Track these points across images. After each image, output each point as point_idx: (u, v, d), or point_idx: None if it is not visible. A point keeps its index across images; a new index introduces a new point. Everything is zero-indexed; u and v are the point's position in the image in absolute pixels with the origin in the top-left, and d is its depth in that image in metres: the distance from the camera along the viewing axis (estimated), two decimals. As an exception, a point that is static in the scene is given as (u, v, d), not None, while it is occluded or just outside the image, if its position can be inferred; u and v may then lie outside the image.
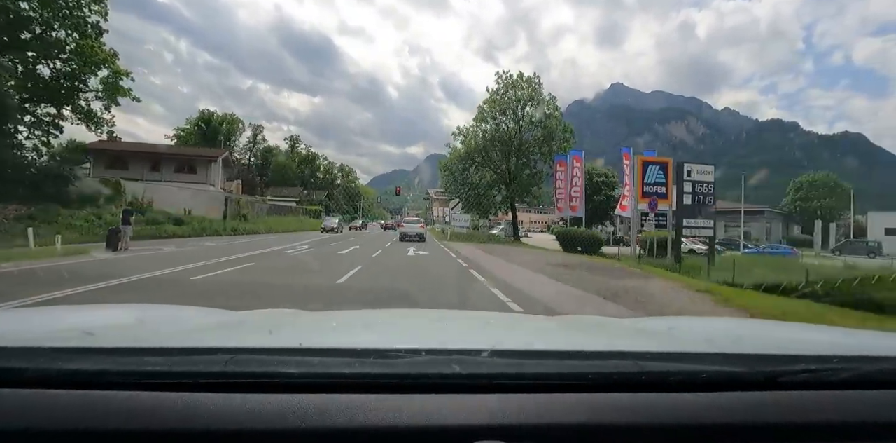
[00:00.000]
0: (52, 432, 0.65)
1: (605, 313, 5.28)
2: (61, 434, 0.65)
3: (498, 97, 28.91)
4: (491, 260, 14.39)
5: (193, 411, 0.68)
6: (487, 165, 29.12)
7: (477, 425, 0.68)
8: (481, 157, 28.79)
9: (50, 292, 5.98)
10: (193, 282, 7.69)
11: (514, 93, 28.52)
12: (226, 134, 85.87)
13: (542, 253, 18.79)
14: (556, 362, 0.88)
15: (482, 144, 28.59)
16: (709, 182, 19.30)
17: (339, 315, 1.94)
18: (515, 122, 28.63)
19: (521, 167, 28.66)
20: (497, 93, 29.02)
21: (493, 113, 28.91)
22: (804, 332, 1.55)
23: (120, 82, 23.30)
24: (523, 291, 7.90)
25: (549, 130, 27.85)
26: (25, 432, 0.65)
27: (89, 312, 1.55)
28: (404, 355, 0.82)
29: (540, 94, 28.52)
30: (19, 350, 0.82)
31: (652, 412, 0.73)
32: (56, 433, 0.65)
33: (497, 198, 29.83)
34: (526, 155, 28.51)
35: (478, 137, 28.94)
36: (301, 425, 0.67)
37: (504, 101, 28.56)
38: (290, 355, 0.83)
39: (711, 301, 7.19)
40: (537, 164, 29.06)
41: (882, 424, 0.77)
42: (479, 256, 15.98)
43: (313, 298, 6.54)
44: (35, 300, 5.45)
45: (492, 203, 29.75)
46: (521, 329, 1.51)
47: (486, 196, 29.38)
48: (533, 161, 28.91)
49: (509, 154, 28.55)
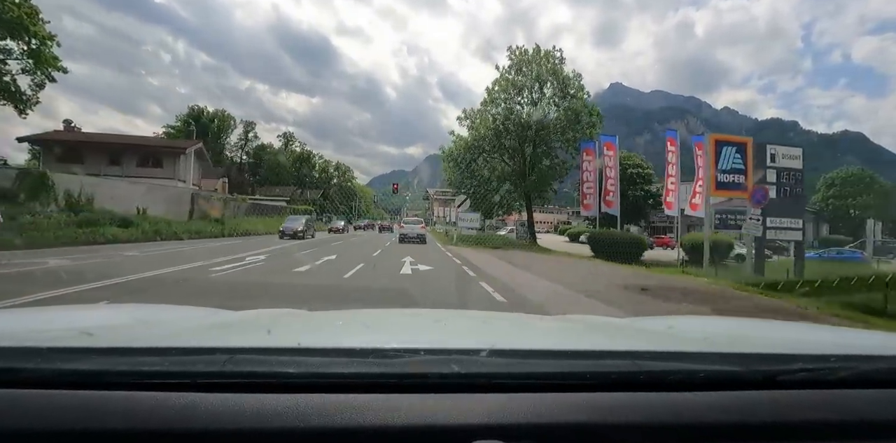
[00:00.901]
0: (50, 432, 0.65)
1: None
2: (59, 434, 0.65)
3: (511, 76, 24.37)
4: (525, 281, 9.51)
5: (192, 411, 0.67)
6: (500, 153, 24.46)
7: (475, 425, 0.68)
8: (491, 145, 24.16)
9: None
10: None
11: (532, 69, 23.95)
12: (217, 131, 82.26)
13: (583, 264, 14.31)
14: (555, 362, 0.87)
15: (493, 131, 23.97)
16: (797, 170, 14.78)
17: (338, 315, 1.88)
18: (532, 103, 24.09)
19: (540, 157, 24.08)
20: (509, 71, 24.48)
21: (505, 94, 24.32)
22: (802, 331, 1.57)
23: (46, 51, 18.71)
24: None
25: (573, 112, 23.29)
26: (23, 432, 0.64)
27: (87, 312, 1.59)
28: (403, 355, 0.82)
29: (561, 70, 23.97)
30: (17, 350, 0.82)
31: (650, 412, 0.73)
32: (54, 434, 0.65)
33: (512, 194, 25.27)
34: (546, 142, 23.90)
35: (487, 123, 24.31)
36: (300, 424, 0.66)
37: (518, 80, 24.00)
38: (288, 355, 0.83)
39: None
40: (558, 153, 24.49)
41: (879, 423, 0.76)
42: (501, 270, 11.30)
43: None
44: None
45: (504, 200, 25.18)
46: (520, 329, 1.52)
47: (496, 192, 24.80)
48: (553, 150, 24.32)
49: (525, 142, 23.94)
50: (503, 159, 24.68)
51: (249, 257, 12.13)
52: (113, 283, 7.06)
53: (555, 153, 24.29)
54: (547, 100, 23.83)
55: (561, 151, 24.53)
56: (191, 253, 13.27)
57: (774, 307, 7.01)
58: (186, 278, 8.10)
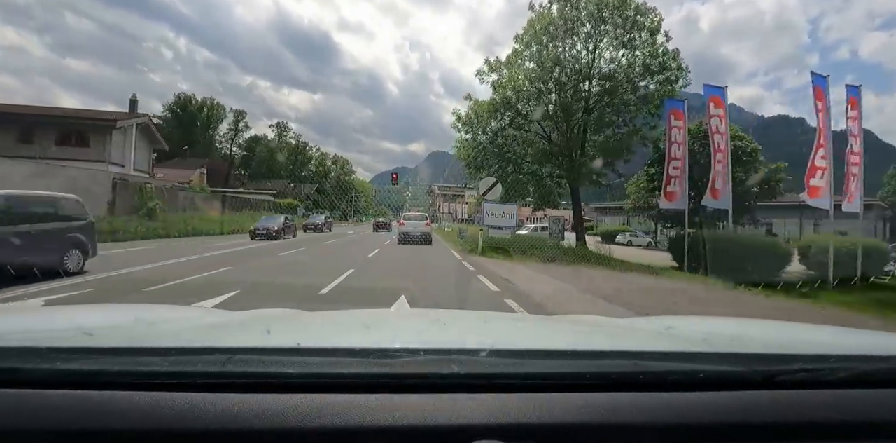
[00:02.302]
0: (50, 432, 0.64)
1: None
2: (59, 434, 0.64)
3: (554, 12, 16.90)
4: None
5: (191, 411, 0.67)
6: (540, 119, 16.93)
7: (475, 425, 0.67)
8: (529, 107, 16.74)
9: None
10: None
11: (585, 4, 16.49)
12: (206, 121, 75.60)
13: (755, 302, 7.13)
14: (555, 362, 0.87)
15: (528, 89, 16.57)
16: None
17: (337, 315, 1.82)
18: (587, 48, 16.62)
19: (599, 124, 16.66)
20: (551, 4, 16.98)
21: (547, 37, 16.83)
22: (802, 331, 1.53)
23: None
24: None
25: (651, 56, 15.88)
26: (23, 432, 0.64)
27: (87, 312, 1.54)
28: (403, 355, 0.81)
29: (628, 5, 16.44)
30: (17, 350, 0.81)
31: (650, 412, 0.73)
32: (53, 433, 0.64)
33: (554, 179, 17.79)
34: (609, 102, 16.41)
35: (521, 76, 16.89)
36: (299, 425, 0.66)
37: (570, 15, 16.51)
38: (288, 355, 0.82)
39: None
40: (622, 119, 16.94)
41: (879, 423, 0.76)
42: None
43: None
44: None
45: (544, 186, 17.69)
46: (520, 329, 1.52)
47: (533, 175, 17.31)
48: (621, 112, 16.75)
49: (577, 101, 16.44)
50: (545, 129, 17.23)
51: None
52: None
53: (622, 118, 16.77)
54: (610, 41, 16.28)
55: (620, 116, 16.99)
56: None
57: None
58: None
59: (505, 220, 14.72)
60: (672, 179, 14.90)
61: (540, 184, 17.85)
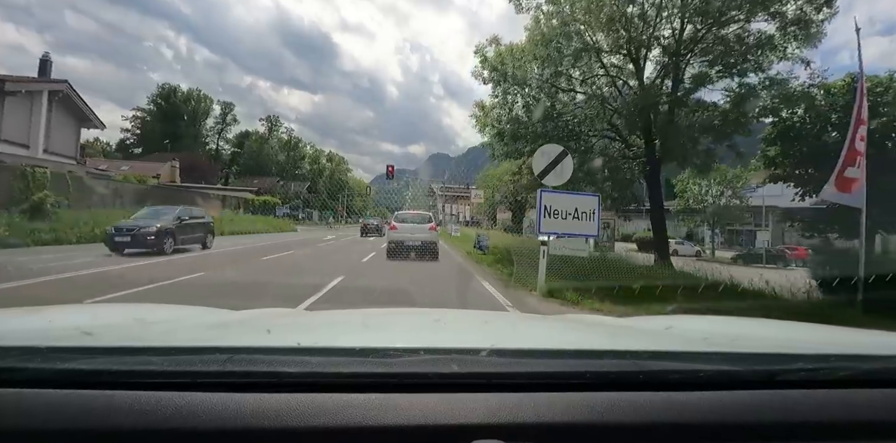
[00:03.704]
0: (50, 431, 0.64)
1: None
2: (59, 434, 0.64)
3: None
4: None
5: (191, 410, 0.66)
6: (611, 65, 10.56)
7: (475, 424, 0.67)
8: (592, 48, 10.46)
9: None
10: None
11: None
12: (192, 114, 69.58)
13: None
14: (555, 362, 0.87)
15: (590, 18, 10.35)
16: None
17: (337, 315, 1.84)
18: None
19: (711, 63, 10.29)
20: None
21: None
22: (802, 331, 1.50)
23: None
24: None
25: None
26: (23, 432, 0.64)
27: (87, 312, 1.54)
28: (403, 355, 0.81)
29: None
30: (16, 349, 0.81)
31: (650, 411, 0.72)
32: (53, 433, 0.64)
33: (625, 164, 11.40)
34: (724, 38, 10.07)
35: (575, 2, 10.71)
36: (299, 424, 0.66)
37: None
38: (288, 355, 0.82)
39: None
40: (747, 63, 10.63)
41: (879, 422, 0.76)
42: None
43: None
44: None
45: (619, 169, 11.08)
46: (520, 328, 1.48)
47: (603, 154, 10.85)
48: (740, 54, 10.38)
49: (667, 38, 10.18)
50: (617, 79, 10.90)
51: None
52: None
53: (746, 61, 10.35)
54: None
55: (729, 68, 10.74)
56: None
57: None
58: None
59: (578, 224, 7.30)
60: (855, 159, 8.59)
61: (617, 170, 11.32)
